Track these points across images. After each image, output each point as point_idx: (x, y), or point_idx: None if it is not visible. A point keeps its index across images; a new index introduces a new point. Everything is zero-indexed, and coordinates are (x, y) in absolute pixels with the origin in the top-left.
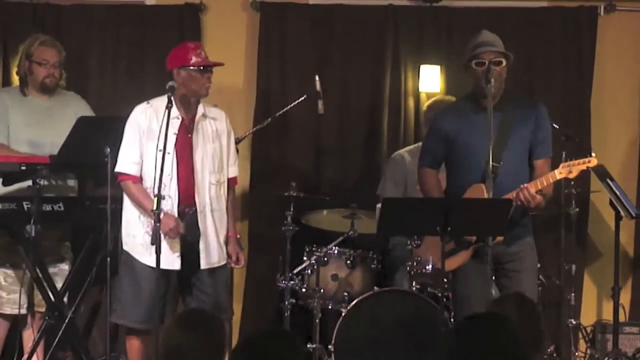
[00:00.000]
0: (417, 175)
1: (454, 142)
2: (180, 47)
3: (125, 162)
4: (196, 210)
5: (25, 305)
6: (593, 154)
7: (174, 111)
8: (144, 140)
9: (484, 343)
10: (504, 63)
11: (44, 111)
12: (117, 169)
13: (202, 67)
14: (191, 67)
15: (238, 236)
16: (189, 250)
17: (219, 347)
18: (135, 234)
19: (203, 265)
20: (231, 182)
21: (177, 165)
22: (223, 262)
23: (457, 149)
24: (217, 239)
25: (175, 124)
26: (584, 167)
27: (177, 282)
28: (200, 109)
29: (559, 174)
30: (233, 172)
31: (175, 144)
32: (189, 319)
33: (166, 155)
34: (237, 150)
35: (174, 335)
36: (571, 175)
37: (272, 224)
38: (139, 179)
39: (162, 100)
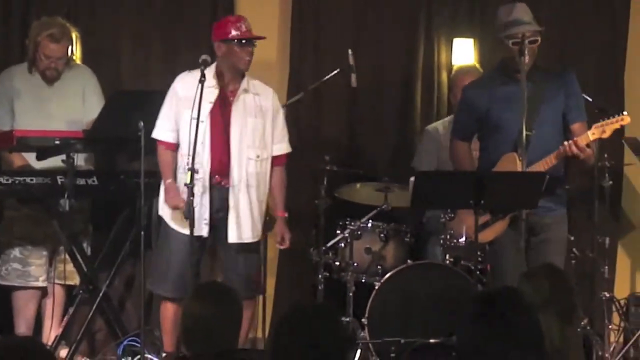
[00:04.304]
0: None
1: (485, 115)
2: (222, 20)
3: (160, 129)
4: (230, 183)
5: (43, 278)
6: (625, 112)
7: (211, 81)
8: (180, 107)
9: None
10: (539, 41)
11: (49, 89)
12: (153, 134)
13: (242, 41)
14: (231, 40)
15: (286, 215)
16: (219, 225)
17: (234, 320)
18: None
19: (231, 239)
20: (277, 160)
21: (210, 134)
22: (256, 239)
23: (489, 121)
24: (250, 215)
25: (212, 93)
26: (617, 125)
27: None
28: (244, 83)
29: (592, 135)
30: (280, 149)
31: (209, 113)
32: (204, 291)
33: (200, 124)
34: None
35: (191, 306)
36: (604, 135)
37: (306, 198)
38: (174, 146)
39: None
